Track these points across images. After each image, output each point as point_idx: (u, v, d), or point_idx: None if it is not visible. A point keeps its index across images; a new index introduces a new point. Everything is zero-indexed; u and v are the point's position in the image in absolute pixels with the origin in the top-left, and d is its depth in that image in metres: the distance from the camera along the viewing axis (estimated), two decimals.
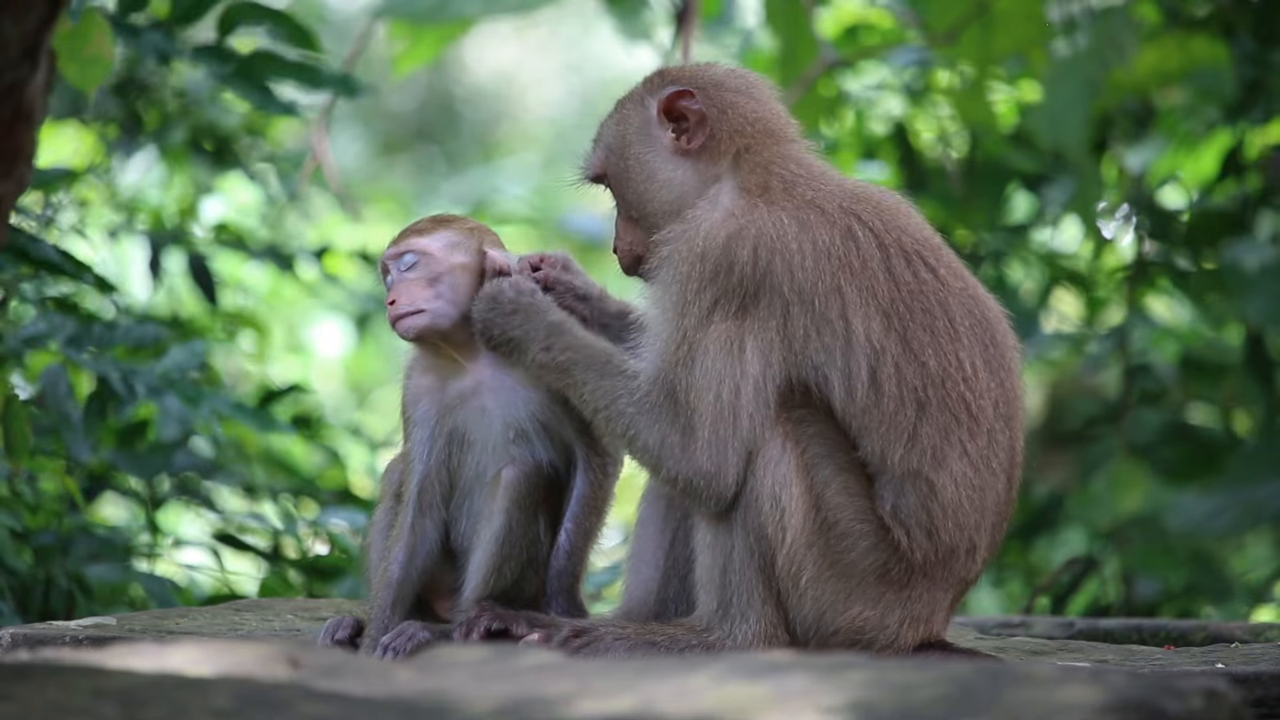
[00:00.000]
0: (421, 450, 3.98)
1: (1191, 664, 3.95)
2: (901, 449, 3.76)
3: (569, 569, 3.97)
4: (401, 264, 3.96)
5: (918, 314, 3.78)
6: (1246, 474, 7.03)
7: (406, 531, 3.96)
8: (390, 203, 11.37)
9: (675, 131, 3.91)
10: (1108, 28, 6.87)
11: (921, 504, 3.77)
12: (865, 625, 3.79)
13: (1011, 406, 3.85)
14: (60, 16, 3.18)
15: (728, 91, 3.93)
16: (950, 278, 3.84)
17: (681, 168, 3.91)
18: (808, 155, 3.94)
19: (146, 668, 2.81)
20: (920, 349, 3.77)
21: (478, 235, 4.01)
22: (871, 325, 3.75)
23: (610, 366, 3.80)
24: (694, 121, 3.90)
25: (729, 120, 3.90)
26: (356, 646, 3.94)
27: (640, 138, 3.94)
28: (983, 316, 3.85)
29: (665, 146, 3.92)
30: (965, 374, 3.79)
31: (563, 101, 14.17)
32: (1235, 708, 2.69)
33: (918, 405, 3.76)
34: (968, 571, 3.84)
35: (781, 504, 3.73)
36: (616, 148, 3.96)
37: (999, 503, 3.85)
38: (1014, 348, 3.90)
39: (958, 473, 3.78)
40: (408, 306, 3.92)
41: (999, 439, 3.82)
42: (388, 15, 7.01)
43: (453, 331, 3.95)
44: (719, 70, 4.00)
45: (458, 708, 2.63)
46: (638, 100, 3.97)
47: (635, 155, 3.93)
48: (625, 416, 3.76)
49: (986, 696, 2.62)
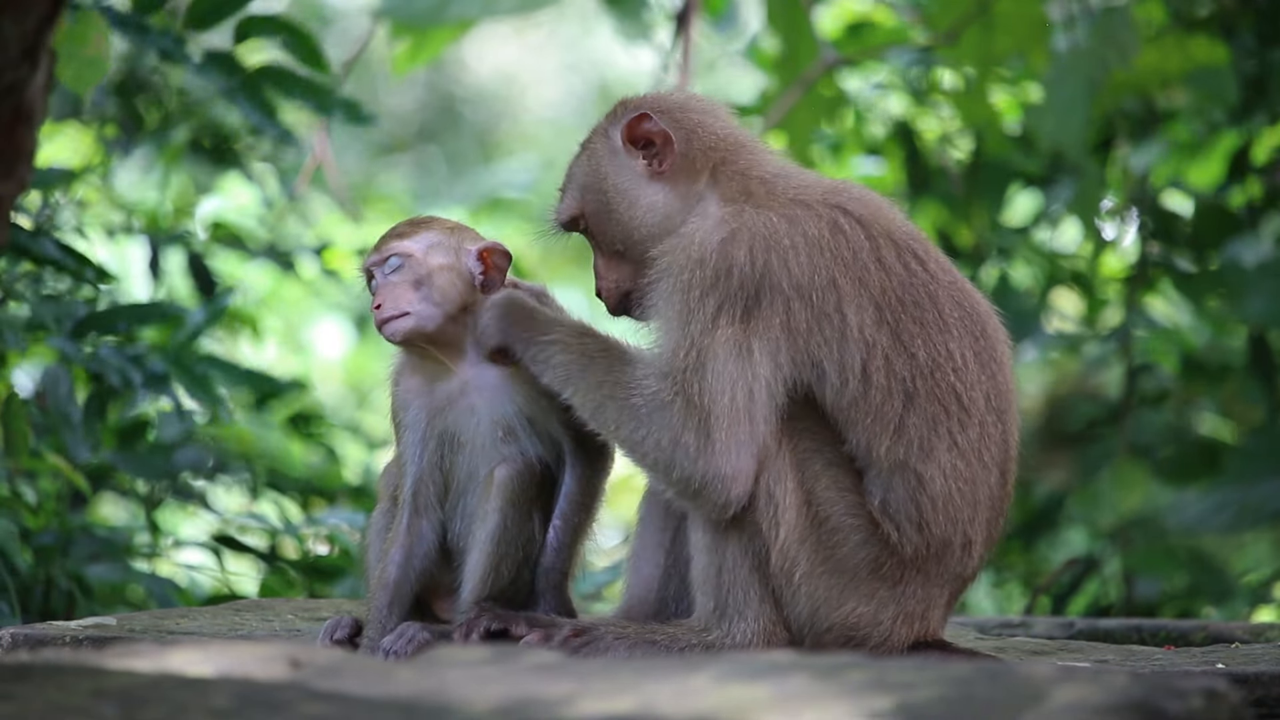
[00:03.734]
0: (413, 453, 3.98)
1: (1191, 664, 3.95)
2: (888, 441, 3.76)
3: (557, 566, 3.98)
4: (385, 268, 3.97)
5: (908, 305, 3.79)
6: (1247, 474, 7.04)
7: (403, 533, 3.97)
8: (390, 203, 11.37)
9: (646, 157, 3.91)
10: (1108, 27, 6.86)
11: (910, 497, 3.77)
12: (859, 621, 3.78)
13: (1004, 399, 3.85)
14: (60, 16, 3.18)
15: (692, 113, 3.95)
16: (939, 271, 3.85)
17: (661, 191, 3.91)
18: (781, 160, 3.96)
19: (146, 668, 2.80)
20: (910, 340, 3.77)
21: (458, 235, 4.01)
22: (865, 318, 3.76)
23: (613, 364, 3.80)
24: (660, 144, 3.91)
25: (699, 139, 3.91)
26: (356, 646, 3.95)
27: (614, 169, 3.94)
28: (972, 309, 3.85)
29: (639, 173, 3.92)
30: (955, 365, 3.79)
31: (563, 101, 14.17)
32: (1235, 708, 2.69)
33: (905, 397, 3.76)
34: (964, 567, 3.83)
35: (775, 500, 3.73)
36: (592, 184, 3.95)
37: (993, 496, 3.84)
38: (1004, 341, 3.90)
39: (947, 465, 3.77)
40: (393, 310, 3.93)
41: (991, 431, 3.82)
42: (388, 15, 7.02)
43: (438, 333, 3.95)
44: (679, 95, 4.02)
45: (458, 708, 2.63)
46: (602, 133, 3.97)
47: (613, 186, 3.93)
48: (633, 417, 3.75)
49: (986, 696, 2.62)
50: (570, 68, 14.17)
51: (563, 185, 4.01)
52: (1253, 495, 6.99)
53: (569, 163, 4.02)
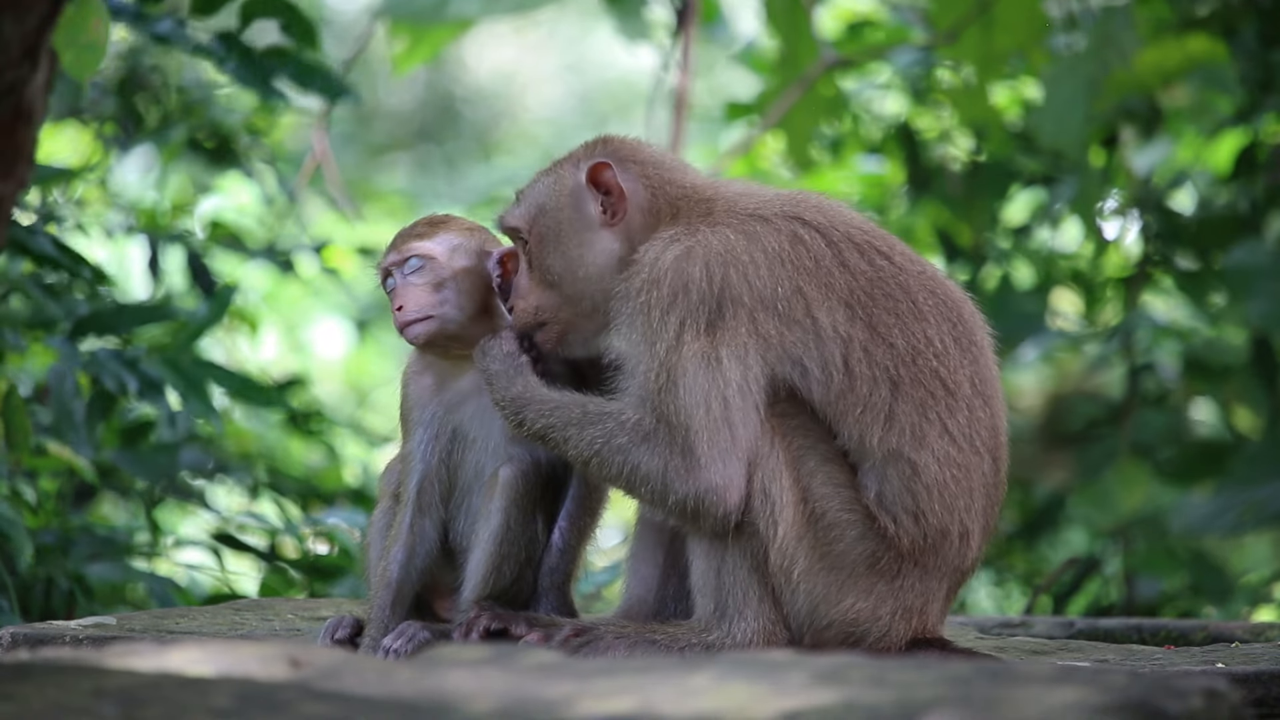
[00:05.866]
0: (422, 450, 3.98)
1: (1191, 664, 3.95)
2: (880, 430, 3.76)
3: (560, 567, 3.98)
4: (405, 269, 3.95)
5: (879, 299, 3.80)
6: (1249, 474, 7.04)
7: (405, 531, 3.96)
8: (390, 203, 11.37)
9: (604, 205, 3.90)
10: (1108, 26, 6.87)
11: (905, 486, 3.77)
12: (859, 617, 3.79)
13: (989, 385, 3.86)
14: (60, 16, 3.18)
15: (665, 169, 3.94)
16: (906, 263, 3.86)
17: (612, 239, 3.91)
18: (744, 184, 3.98)
19: (146, 668, 2.80)
20: (886, 330, 3.78)
21: (477, 237, 4.01)
22: (836, 317, 3.76)
23: (589, 415, 3.79)
24: (615, 197, 3.90)
25: (664, 194, 3.91)
26: (356, 646, 3.94)
27: (572, 203, 3.92)
28: (945, 296, 3.86)
29: (594, 216, 3.91)
30: (935, 350, 3.80)
31: (562, 101, 14.17)
32: (1235, 708, 2.69)
33: (891, 384, 3.77)
34: (962, 559, 3.83)
35: (771, 498, 3.74)
36: (550, 209, 3.93)
37: (987, 484, 3.84)
38: (982, 327, 3.91)
39: (939, 451, 3.78)
40: (415, 313, 3.92)
41: (979, 415, 3.82)
42: (388, 15, 7.02)
43: (459, 334, 3.95)
44: (652, 150, 3.99)
45: (458, 708, 2.63)
46: (573, 164, 3.95)
47: (568, 220, 3.91)
48: (621, 454, 3.75)
49: (986, 696, 2.62)
50: (570, 67, 14.18)
51: (523, 190, 4.00)
52: (1256, 497, 6.99)
53: (537, 171, 4.01)
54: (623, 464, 3.75)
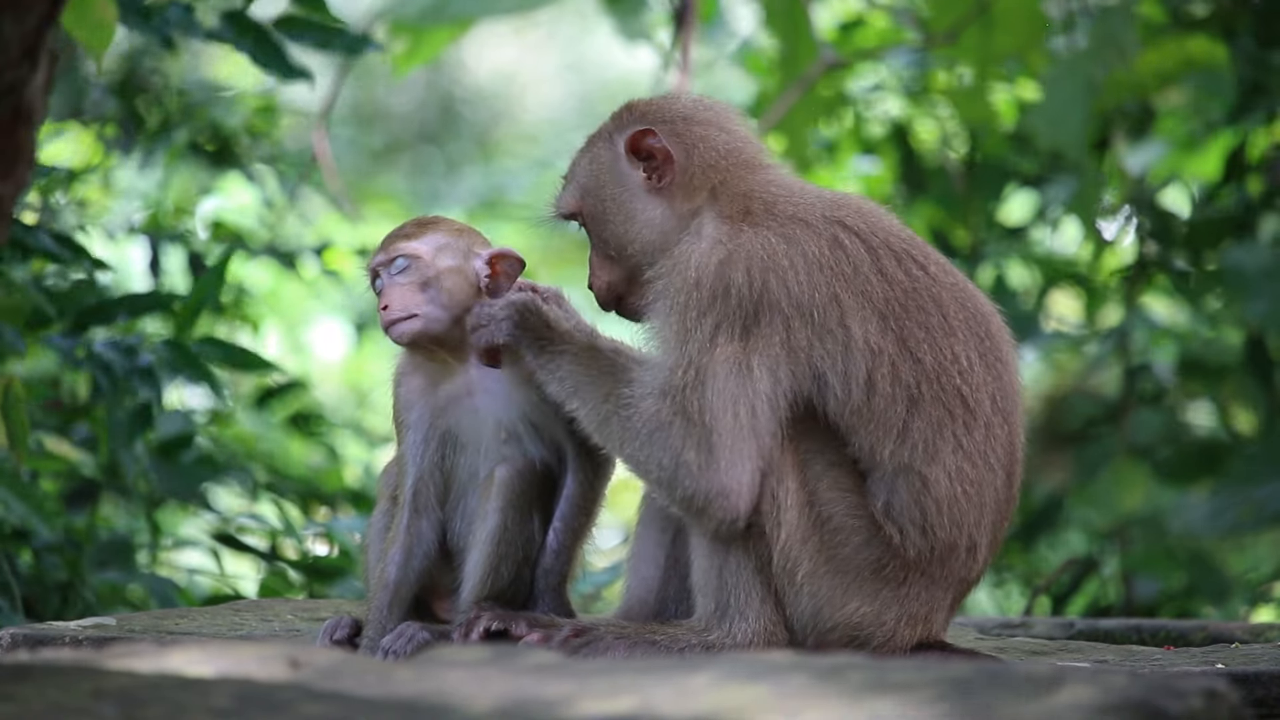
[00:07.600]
0: (415, 453, 3.98)
1: (1191, 664, 3.95)
2: (891, 444, 3.76)
3: (556, 568, 3.98)
4: (392, 269, 3.96)
5: (912, 311, 3.79)
6: (1247, 475, 7.04)
7: (402, 533, 3.97)
8: (390, 203, 11.37)
9: (646, 170, 3.91)
10: (1108, 27, 6.87)
11: (914, 500, 3.76)
12: (863, 621, 3.78)
13: (1010, 401, 3.84)
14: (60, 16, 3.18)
15: (696, 125, 3.93)
16: (940, 274, 3.85)
17: (658, 206, 3.91)
18: (783, 175, 3.95)
19: (146, 668, 2.81)
20: (916, 345, 3.77)
21: (466, 237, 4.01)
22: (869, 328, 3.75)
23: (622, 386, 3.79)
24: (661, 160, 3.90)
25: (700, 155, 3.90)
26: (355, 646, 3.95)
27: (613, 178, 3.93)
28: (976, 311, 3.85)
29: (638, 185, 3.92)
30: (961, 367, 3.79)
31: (562, 101, 14.17)
32: (1235, 708, 2.69)
33: (909, 401, 3.76)
34: (968, 571, 3.82)
35: (777, 500, 3.73)
36: (591, 188, 3.95)
37: (998, 500, 3.83)
38: (1009, 342, 3.90)
39: (952, 467, 3.77)
40: (400, 312, 3.93)
41: (997, 433, 3.81)
42: (388, 15, 7.02)
43: (445, 335, 3.95)
44: (685, 103, 3.98)
45: (458, 708, 2.63)
46: (606, 138, 3.96)
47: (611, 196, 3.93)
48: (636, 438, 3.75)
49: (986, 697, 2.62)
50: (569, 68, 14.17)
51: (566, 176, 4.01)
52: (1254, 497, 7.00)
53: (573, 155, 4.02)
54: (636, 447, 3.74)
